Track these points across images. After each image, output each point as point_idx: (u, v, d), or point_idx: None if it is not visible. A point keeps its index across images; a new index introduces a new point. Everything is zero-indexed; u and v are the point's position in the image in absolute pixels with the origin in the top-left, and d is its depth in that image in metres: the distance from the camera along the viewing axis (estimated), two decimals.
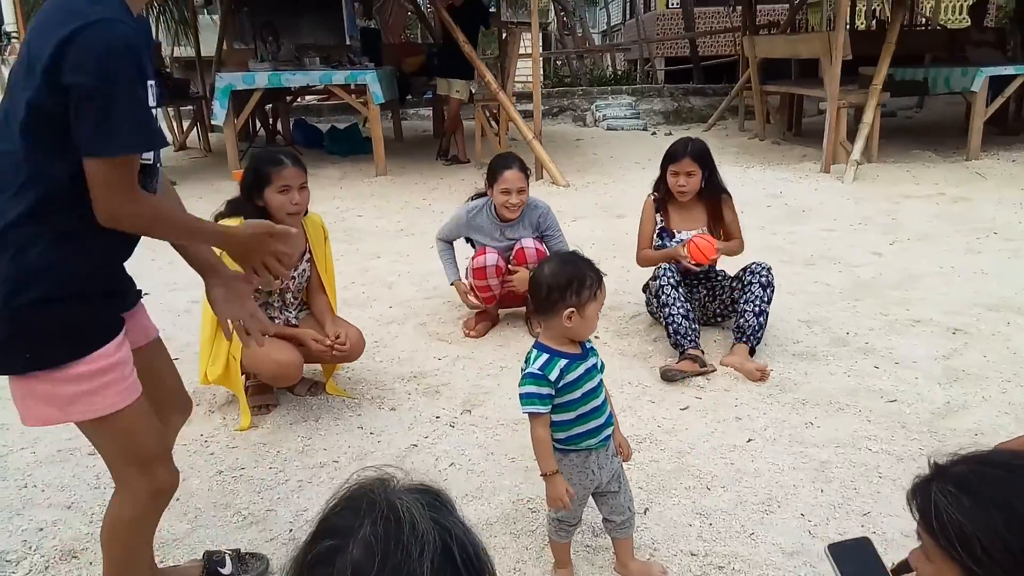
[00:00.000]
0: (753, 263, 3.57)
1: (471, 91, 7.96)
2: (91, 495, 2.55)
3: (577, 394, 1.93)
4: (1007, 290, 4.18)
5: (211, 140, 10.19)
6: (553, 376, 1.88)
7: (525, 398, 1.89)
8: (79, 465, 2.73)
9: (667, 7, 19.24)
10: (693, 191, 3.59)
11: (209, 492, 2.56)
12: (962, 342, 3.56)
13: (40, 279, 1.47)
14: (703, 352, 3.38)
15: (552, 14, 25.01)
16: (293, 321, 3.10)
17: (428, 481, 0.87)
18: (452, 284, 3.91)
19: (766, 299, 3.45)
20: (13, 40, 8.69)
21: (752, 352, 3.43)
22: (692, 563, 2.17)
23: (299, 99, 10.94)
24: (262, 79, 7.39)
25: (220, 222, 2.58)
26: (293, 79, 7.52)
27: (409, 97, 10.25)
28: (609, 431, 2.02)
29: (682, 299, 3.46)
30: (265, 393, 3.11)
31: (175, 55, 15.65)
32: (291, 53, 9.24)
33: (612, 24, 28.04)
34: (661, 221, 3.74)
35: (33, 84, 1.42)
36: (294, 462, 2.74)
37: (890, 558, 2.15)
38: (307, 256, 3.08)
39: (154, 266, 4.41)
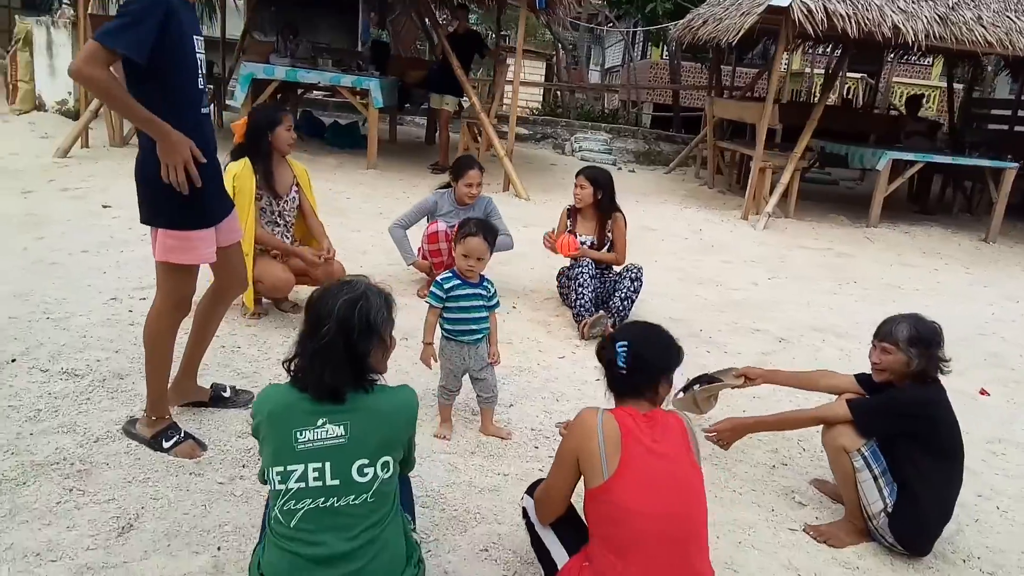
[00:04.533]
0: (630, 264, 4.73)
1: (460, 107, 9.16)
2: (132, 348, 3.63)
3: (459, 304, 3.13)
4: (838, 320, 5.40)
5: (223, 117, 11.28)
6: (447, 286, 3.09)
7: (429, 295, 3.09)
8: (123, 329, 3.83)
9: (661, 58, 20.63)
10: (585, 202, 4.75)
11: (214, 357, 3.66)
12: (782, 347, 4.76)
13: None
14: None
15: (560, 48, 26.49)
16: (288, 240, 4.25)
17: (388, 291, 2.04)
18: (411, 264, 4.98)
19: (633, 289, 4.62)
20: (65, 5, 9.75)
21: (613, 325, 4.57)
22: (532, 433, 3.33)
23: (308, 92, 12.03)
24: (280, 73, 8.54)
25: (229, 164, 3.81)
26: (307, 76, 8.68)
27: (407, 106, 11.38)
28: (479, 336, 3.19)
29: (590, 286, 4.62)
30: (259, 304, 4.25)
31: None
32: (308, 52, 10.39)
33: (614, 65, 29.55)
34: (570, 224, 4.92)
35: None
36: (276, 348, 3.86)
37: None
38: (295, 186, 4.22)
39: None
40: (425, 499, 2.81)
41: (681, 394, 3.38)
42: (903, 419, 2.72)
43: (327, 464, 1.90)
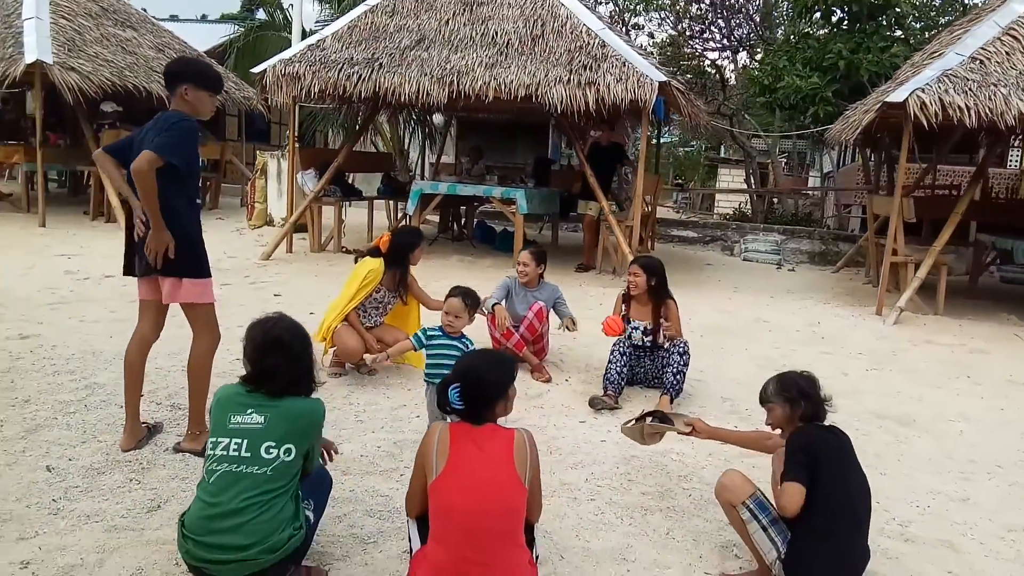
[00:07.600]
0: (677, 340, 5.03)
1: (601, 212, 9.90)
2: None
3: (437, 352, 3.77)
4: (915, 409, 5.18)
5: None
6: (429, 333, 3.83)
7: (413, 337, 3.89)
8: (230, 379, 4.89)
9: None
10: (639, 289, 5.16)
11: None
12: None
13: None
14: (617, 397, 4.91)
15: (748, 154, 26.60)
16: (378, 321, 5.20)
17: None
18: (493, 307, 5.48)
19: (683, 363, 4.92)
20: (285, 146, 12.08)
21: (671, 400, 4.88)
22: None
23: (482, 204, 13.42)
24: (442, 187, 9.92)
25: (367, 258, 4.98)
26: (464, 190, 9.97)
27: (573, 213, 12.30)
28: None
29: (621, 361, 5.01)
30: (340, 365, 5.18)
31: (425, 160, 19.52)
32: (481, 171, 11.80)
33: (831, 170, 28.81)
34: (624, 310, 5.34)
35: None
36: (338, 399, 4.69)
37: None
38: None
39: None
40: (383, 512, 3.40)
41: (633, 422, 3.67)
42: (800, 453, 2.86)
43: (244, 440, 2.64)
